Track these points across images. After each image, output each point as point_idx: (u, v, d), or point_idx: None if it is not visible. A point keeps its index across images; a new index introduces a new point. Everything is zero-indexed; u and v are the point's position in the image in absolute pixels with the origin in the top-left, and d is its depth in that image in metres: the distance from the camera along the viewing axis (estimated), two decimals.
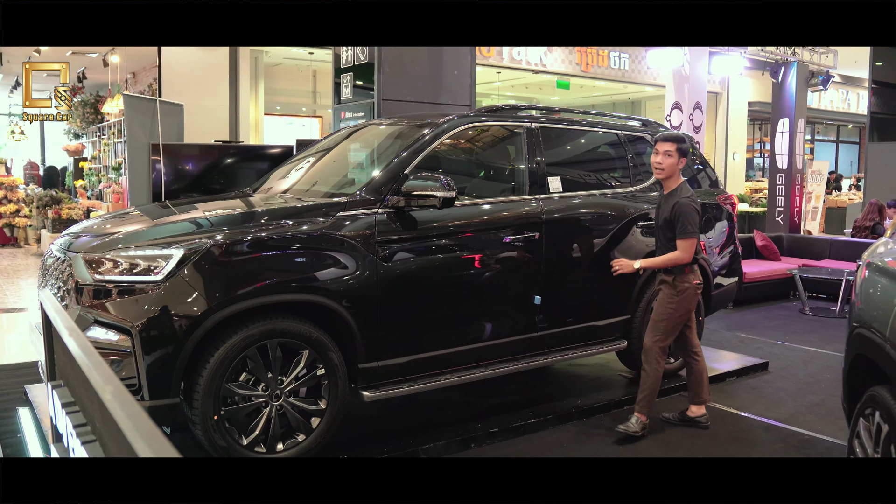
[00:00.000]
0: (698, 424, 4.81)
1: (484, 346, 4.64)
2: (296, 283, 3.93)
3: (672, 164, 4.57)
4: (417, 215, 4.34)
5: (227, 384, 3.79)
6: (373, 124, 5.45)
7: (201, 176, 7.33)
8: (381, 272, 4.16)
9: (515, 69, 15.15)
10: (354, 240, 4.09)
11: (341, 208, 4.15)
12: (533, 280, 4.79)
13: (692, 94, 9.86)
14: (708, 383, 4.93)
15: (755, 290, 9.34)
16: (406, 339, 4.32)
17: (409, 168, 4.41)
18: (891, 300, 2.99)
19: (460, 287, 4.52)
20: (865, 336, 3.13)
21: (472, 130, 4.94)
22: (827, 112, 23.86)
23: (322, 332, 4.02)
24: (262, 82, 13.53)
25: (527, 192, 4.86)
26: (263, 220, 4.08)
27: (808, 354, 6.81)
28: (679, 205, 4.59)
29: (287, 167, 5.44)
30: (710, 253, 5.92)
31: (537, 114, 5.29)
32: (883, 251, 3.73)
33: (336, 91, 8.21)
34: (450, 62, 7.78)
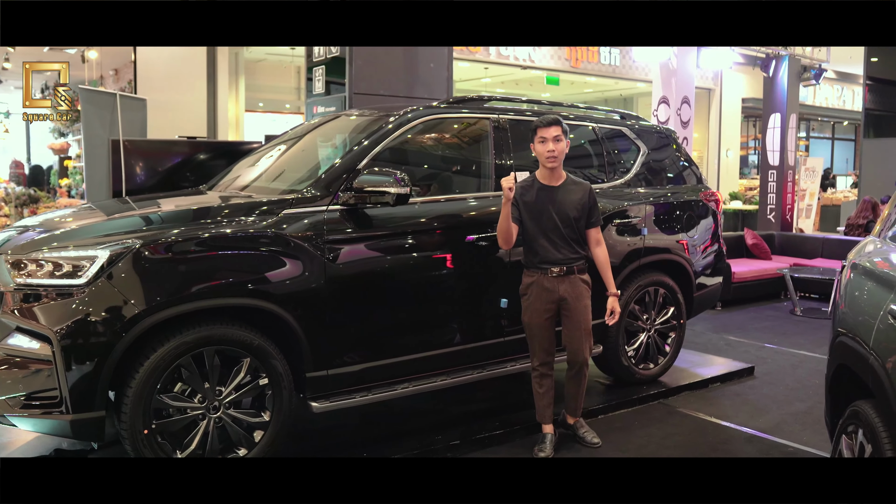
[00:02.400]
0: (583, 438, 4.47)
1: (446, 352, 4.35)
2: (235, 286, 3.63)
3: (563, 149, 4.17)
4: (373, 213, 4.04)
5: (159, 396, 3.49)
6: (339, 116, 5.14)
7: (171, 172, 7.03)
8: (331, 274, 3.86)
9: (503, 65, 14.83)
10: (301, 239, 3.79)
11: (287, 206, 3.85)
12: (500, 282, 4.49)
13: (680, 89, 9.57)
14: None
15: (745, 290, 9.06)
16: (359, 345, 4.02)
17: (363, 163, 4.11)
18: (877, 306, 2.70)
19: (419, 290, 4.22)
20: (848, 345, 2.84)
21: (435, 123, 4.63)
22: (822, 109, 23.58)
23: (265, 339, 3.73)
24: (242, 79, 13.22)
25: (493, 187, 4.56)
26: (202, 218, 3.80)
27: (796, 358, 6.52)
28: (592, 192, 4.27)
29: (246, 163, 5.14)
30: (694, 252, 5.62)
31: (505, 105, 4.99)
32: (871, 250, 3.44)
33: (308, 85, 7.97)
34: (426, 55, 7.50)
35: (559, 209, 4.19)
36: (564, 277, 4.20)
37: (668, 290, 5.39)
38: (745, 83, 19.37)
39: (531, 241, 4.23)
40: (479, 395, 5.09)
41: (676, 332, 5.49)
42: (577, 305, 4.24)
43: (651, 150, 5.56)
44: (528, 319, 4.25)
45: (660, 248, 5.33)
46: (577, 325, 4.27)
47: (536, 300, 4.21)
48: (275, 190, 4.24)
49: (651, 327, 5.34)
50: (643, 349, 5.32)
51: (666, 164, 5.72)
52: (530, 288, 4.24)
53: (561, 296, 4.20)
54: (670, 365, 5.52)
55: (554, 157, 4.15)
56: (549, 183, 4.24)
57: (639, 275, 5.18)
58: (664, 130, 5.93)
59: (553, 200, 4.20)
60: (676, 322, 5.47)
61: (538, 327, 4.22)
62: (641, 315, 5.27)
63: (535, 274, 4.23)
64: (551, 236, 4.20)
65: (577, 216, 4.22)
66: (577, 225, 4.23)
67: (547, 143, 4.15)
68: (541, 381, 4.31)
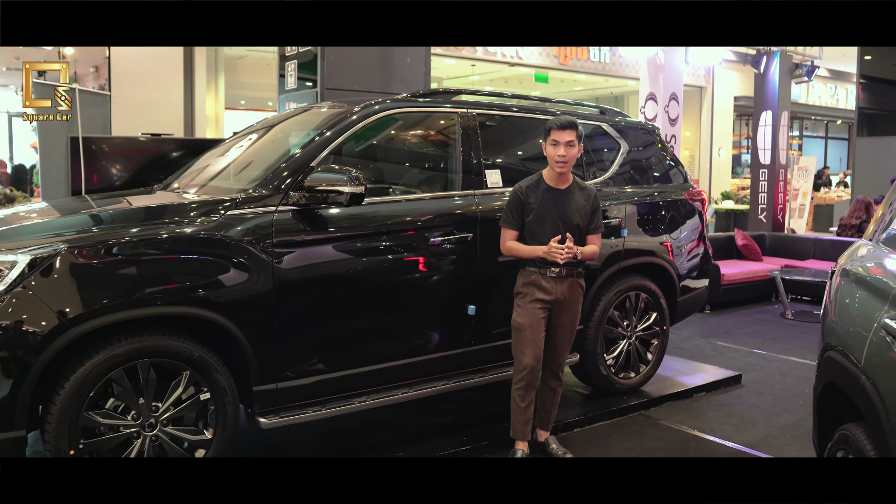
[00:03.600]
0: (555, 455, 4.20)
1: (408, 363, 4.05)
2: (171, 293, 3.32)
3: (575, 154, 3.97)
4: (328, 214, 3.75)
5: (87, 413, 3.19)
6: (309, 109, 4.83)
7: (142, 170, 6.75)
8: (280, 280, 3.56)
9: (490, 62, 14.56)
10: (246, 242, 3.48)
11: (232, 206, 3.55)
12: (466, 287, 4.20)
13: (668, 85, 9.29)
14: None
15: (734, 292, 8.78)
16: (311, 357, 3.72)
17: (317, 160, 3.81)
18: (869, 318, 2.41)
19: (378, 297, 3.92)
20: (838, 362, 2.55)
21: (398, 117, 4.34)
22: (815, 107, 23.35)
23: (206, 351, 3.43)
24: (222, 76, 12.91)
25: (460, 186, 4.26)
26: (139, 220, 3.50)
27: (786, 365, 6.23)
28: (597, 197, 4.12)
29: (204, 160, 4.85)
30: (678, 254, 5.34)
31: (474, 99, 4.71)
32: (863, 255, 3.15)
33: (281, 81, 7.70)
34: (402, 50, 7.22)
35: (564, 213, 3.99)
36: (563, 280, 3.98)
37: (650, 294, 5.10)
38: (738, 81, 19.12)
39: (532, 242, 4.00)
40: (445, 408, 4.79)
41: (659, 339, 5.21)
42: (570, 310, 4.06)
43: (633, 148, 5.27)
44: (521, 320, 3.98)
45: (641, 250, 5.04)
46: (564, 328, 4.08)
47: (533, 301, 3.96)
48: (227, 189, 3.94)
49: (632, 334, 5.06)
50: (623, 357, 5.04)
51: (649, 162, 5.43)
52: (527, 287, 3.99)
53: (557, 297, 3.98)
54: (653, 373, 5.23)
55: (564, 162, 3.94)
56: (555, 185, 4.02)
57: (619, 279, 4.89)
58: (647, 127, 5.64)
59: (558, 204, 4.00)
60: (659, 328, 5.18)
61: (531, 329, 3.95)
62: (622, 321, 4.98)
63: (532, 274, 3.98)
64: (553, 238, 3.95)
65: (581, 222, 4.03)
66: (580, 230, 4.03)
67: (559, 146, 3.93)
68: (524, 394, 4.01)
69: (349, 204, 3.63)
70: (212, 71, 12.51)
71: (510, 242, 4.02)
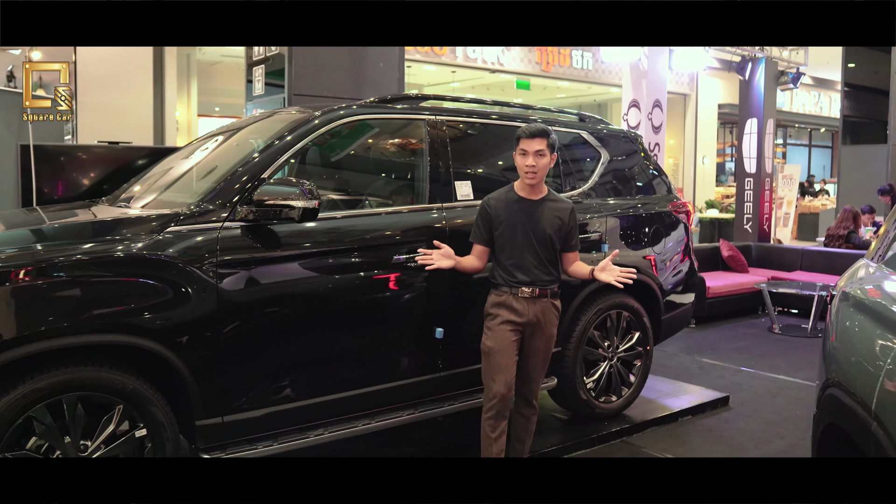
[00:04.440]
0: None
1: (370, 392, 3.72)
2: (101, 320, 2.97)
3: (546, 164, 3.68)
4: (280, 230, 3.42)
5: (4, 454, 2.85)
6: (275, 114, 4.48)
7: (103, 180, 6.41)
8: (225, 303, 3.23)
9: (471, 68, 14.28)
10: (186, 262, 3.15)
11: (172, 222, 3.22)
12: (433, 309, 3.88)
13: (651, 91, 9.02)
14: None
15: (720, 305, 8.51)
16: (261, 387, 3.38)
17: (269, 170, 3.49)
18: (881, 354, 2.11)
19: (336, 321, 3.59)
20: (842, 403, 2.25)
21: (362, 124, 4.02)
22: (799, 115, 23.24)
23: (142, 383, 3.09)
24: (194, 81, 12.58)
25: (427, 199, 3.95)
26: (68, 237, 3.17)
27: (775, 384, 5.95)
28: (574, 212, 3.81)
29: (156, 170, 4.52)
30: (662, 270, 5.04)
31: (444, 105, 4.40)
32: (865, 277, 2.86)
33: (248, 86, 7.40)
34: (374, 54, 6.92)
35: (536, 226, 3.68)
36: (536, 300, 3.67)
37: (632, 313, 4.80)
38: (722, 88, 18.96)
39: (502, 258, 3.70)
40: (416, 436, 4.47)
41: (642, 360, 4.90)
42: (544, 333, 3.74)
43: (614, 157, 4.98)
44: (491, 344, 3.66)
45: (623, 265, 4.71)
46: (538, 353, 3.77)
47: (503, 323, 3.64)
48: (172, 203, 3.60)
49: (613, 355, 4.75)
50: (604, 380, 4.73)
51: (631, 172, 5.14)
52: (497, 308, 3.67)
53: (530, 319, 3.66)
54: (635, 397, 4.92)
55: (534, 172, 3.64)
56: (527, 196, 3.72)
57: (599, 297, 4.59)
58: (630, 135, 5.35)
59: (530, 216, 3.68)
60: (642, 349, 4.88)
61: (501, 353, 3.63)
62: (602, 342, 4.68)
63: (503, 294, 3.67)
64: (525, 254, 3.67)
65: (555, 236, 3.72)
66: (554, 246, 3.72)
67: (528, 156, 3.63)
68: (495, 423, 3.68)
69: (302, 219, 3.31)
70: (183, 76, 12.18)
71: (466, 259, 3.75)
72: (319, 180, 4.19)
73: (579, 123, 5.00)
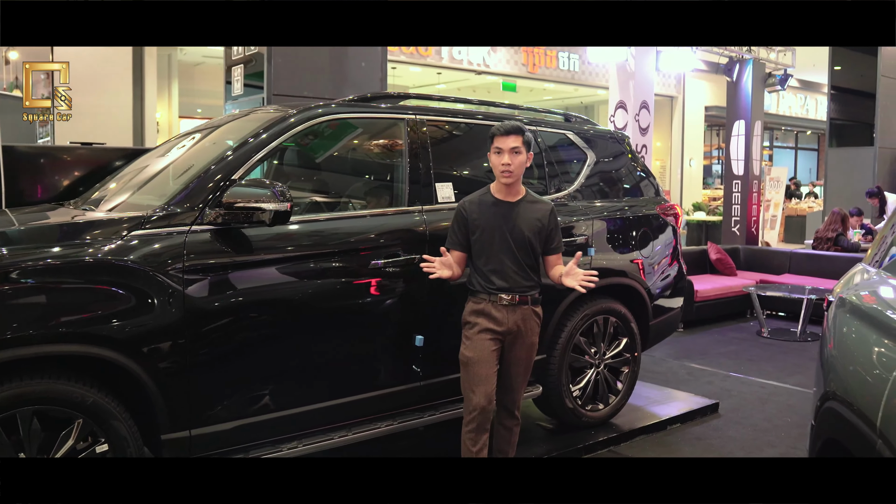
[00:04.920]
0: None
1: (347, 402, 3.56)
2: (59, 329, 2.80)
3: (522, 163, 3.54)
4: (252, 234, 3.26)
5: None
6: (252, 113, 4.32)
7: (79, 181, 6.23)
8: (193, 311, 3.07)
9: (457, 69, 14.14)
10: (151, 268, 2.98)
11: (137, 226, 3.06)
12: (413, 316, 3.73)
13: (638, 93, 8.90)
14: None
15: (709, 309, 8.39)
16: (231, 398, 3.22)
17: (240, 171, 3.33)
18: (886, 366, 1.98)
19: (311, 328, 3.43)
20: (843, 418, 2.11)
21: (337, 124, 3.87)
22: (785, 118, 23.24)
23: (103, 395, 2.92)
24: (175, 82, 12.38)
25: (406, 202, 3.79)
26: (26, 242, 3.00)
27: (764, 390, 5.83)
28: (554, 213, 3.66)
29: (128, 171, 4.35)
30: (650, 274, 4.91)
31: (425, 104, 4.25)
32: (865, 282, 2.74)
33: (227, 87, 7.24)
34: (356, 53, 6.77)
35: (514, 229, 3.52)
36: (516, 307, 3.52)
37: (620, 318, 4.66)
38: (708, 90, 18.91)
39: (479, 264, 3.54)
40: (399, 444, 4.31)
41: (630, 367, 4.77)
42: (525, 342, 3.59)
43: (601, 159, 4.85)
44: (470, 354, 3.50)
45: (610, 269, 4.61)
46: (519, 362, 3.62)
47: (482, 331, 3.49)
48: (140, 205, 3.43)
49: (600, 362, 4.61)
50: (591, 388, 4.59)
51: (618, 173, 5.01)
52: (475, 317, 3.52)
53: (510, 328, 3.51)
54: (623, 404, 4.79)
55: (510, 171, 3.48)
56: (504, 198, 3.57)
57: (585, 302, 4.45)
58: (617, 136, 5.22)
59: (507, 218, 3.53)
60: (630, 355, 4.74)
61: (480, 363, 3.48)
62: (589, 348, 4.54)
63: (481, 301, 3.52)
64: (503, 259, 3.51)
65: (534, 239, 3.56)
66: (534, 249, 3.57)
67: (503, 154, 3.48)
68: (476, 437, 3.52)
69: (273, 223, 3.15)
70: (164, 77, 11.99)
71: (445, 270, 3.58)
72: (295, 181, 4.04)
73: (565, 124, 4.86)
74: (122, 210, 3.45)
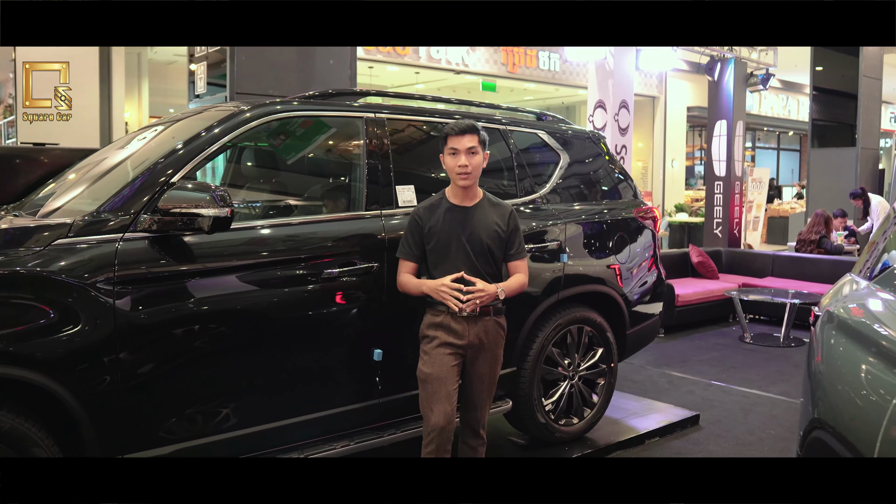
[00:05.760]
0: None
1: (299, 422, 3.30)
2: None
3: (479, 163, 3.31)
4: (193, 242, 3.00)
5: None
6: (195, 112, 4.04)
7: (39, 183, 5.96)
8: (125, 327, 2.80)
9: (435, 69, 13.88)
10: (77, 280, 2.72)
11: (63, 234, 2.79)
12: (371, 328, 3.47)
13: (618, 92, 8.69)
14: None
15: (690, 313, 8.18)
16: (167, 421, 2.95)
17: (179, 174, 3.07)
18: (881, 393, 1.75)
19: (258, 343, 3.17)
20: (832, 450, 1.88)
21: (288, 123, 3.61)
22: (767, 118, 23.16)
23: (22, 420, 2.65)
24: (146, 82, 12.05)
25: (364, 205, 3.54)
26: None
27: (747, 400, 5.61)
28: (514, 216, 3.43)
29: (73, 172, 4.06)
30: (628, 280, 4.68)
31: (385, 101, 4.00)
32: (849, 294, 2.51)
33: (191, 86, 6.99)
34: (324, 51, 6.53)
35: (472, 235, 3.29)
36: (477, 319, 3.28)
37: (595, 327, 4.43)
38: (690, 91, 18.77)
39: (436, 274, 3.30)
40: None
41: (606, 379, 4.53)
42: (488, 355, 3.35)
43: (575, 160, 4.62)
44: (428, 370, 3.26)
45: (585, 276, 4.37)
46: (482, 378, 3.38)
47: (441, 346, 3.25)
48: (74, 211, 3.16)
49: (574, 374, 4.38)
50: (565, 401, 4.35)
51: (595, 175, 4.78)
52: (433, 330, 3.28)
53: (471, 341, 3.27)
54: (599, 418, 4.55)
55: (467, 173, 3.25)
56: (460, 203, 3.33)
57: (558, 311, 4.21)
58: (593, 136, 4.98)
59: (464, 224, 3.29)
60: (606, 366, 4.51)
61: (440, 380, 3.23)
62: (562, 360, 4.30)
63: (440, 313, 3.28)
64: (461, 268, 3.26)
65: (494, 245, 3.33)
66: (493, 256, 3.33)
67: (459, 155, 3.24)
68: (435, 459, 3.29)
69: (213, 230, 2.89)
70: (133, 76, 11.66)
71: (404, 276, 3.34)
72: (246, 184, 3.79)
73: (536, 122, 4.63)
74: (59, 216, 3.18)
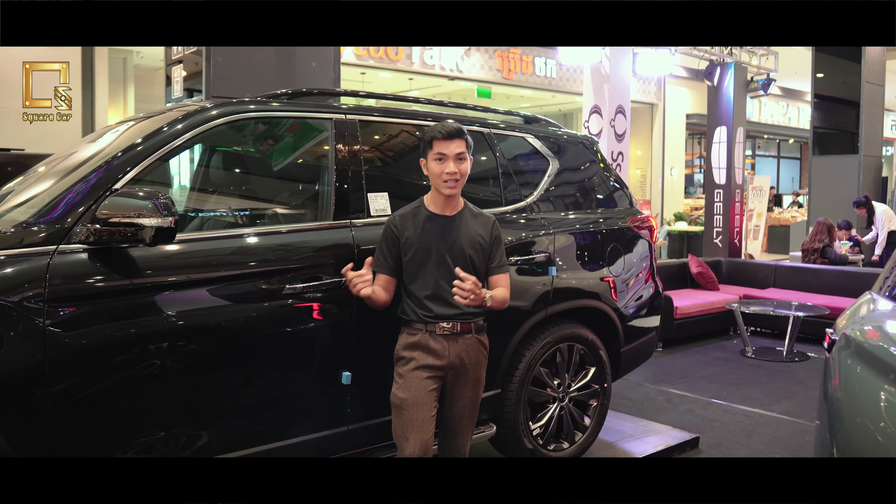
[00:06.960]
0: None
1: (258, 452, 3.00)
2: None
3: (466, 171, 3.04)
4: (137, 255, 2.70)
5: None
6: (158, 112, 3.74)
7: None
8: (57, 350, 2.50)
9: (429, 75, 13.60)
10: (4, 299, 2.43)
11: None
12: (340, 348, 3.18)
13: (614, 97, 8.41)
14: None
15: (689, 326, 7.89)
16: (107, 454, 2.66)
17: (124, 179, 2.78)
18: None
19: (208, 367, 2.87)
20: None
21: (250, 125, 3.32)
22: (767, 126, 22.90)
23: None
24: (131, 87, 11.79)
25: (332, 215, 3.24)
26: None
27: (750, 420, 5.31)
28: (496, 227, 3.18)
29: (18, 180, 3.77)
30: (622, 294, 4.39)
31: (357, 102, 3.72)
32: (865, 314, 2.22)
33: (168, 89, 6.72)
34: (305, 52, 6.24)
35: (453, 246, 3.02)
36: (458, 337, 3.01)
37: (586, 345, 4.13)
38: (689, 98, 18.52)
39: (413, 289, 3.02)
40: None
41: (599, 400, 4.23)
42: (470, 377, 3.07)
43: (565, 166, 4.33)
44: (403, 395, 2.97)
45: (576, 290, 4.07)
46: (463, 402, 3.10)
47: (418, 368, 2.96)
48: (9, 221, 2.87)
49: (564, 395, 4.08)
50: (554, 424, 4.05)
51: (589, 183, 4.50)
52: (410, 351, 2.99)
53: (451, 362, 3.00)
54: (591, 441, 4.25)
55: (455, 181, 2.98)
56: (440, 212, 3.06)
57: (546, 328, 3.91)
58: (585, 141, 4.69)
59: (445, 235, 3.02)
60: (599, 386, 4.22)
61: (416, 406, 2.94)
62: (551, 380, 4.00)
63: (416, 332, 3.00)
64: (441, 282, 2.98)
65: (476, 258, 3.06)
66: (476, 269, 3.05)
67: (446, 161, 2.97)
68: None
69: (155, 242, 2.59)
70: (118, 81, 11.40)
71: (376, 290, 3.04)
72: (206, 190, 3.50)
73: (524, 126, 4.34)
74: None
